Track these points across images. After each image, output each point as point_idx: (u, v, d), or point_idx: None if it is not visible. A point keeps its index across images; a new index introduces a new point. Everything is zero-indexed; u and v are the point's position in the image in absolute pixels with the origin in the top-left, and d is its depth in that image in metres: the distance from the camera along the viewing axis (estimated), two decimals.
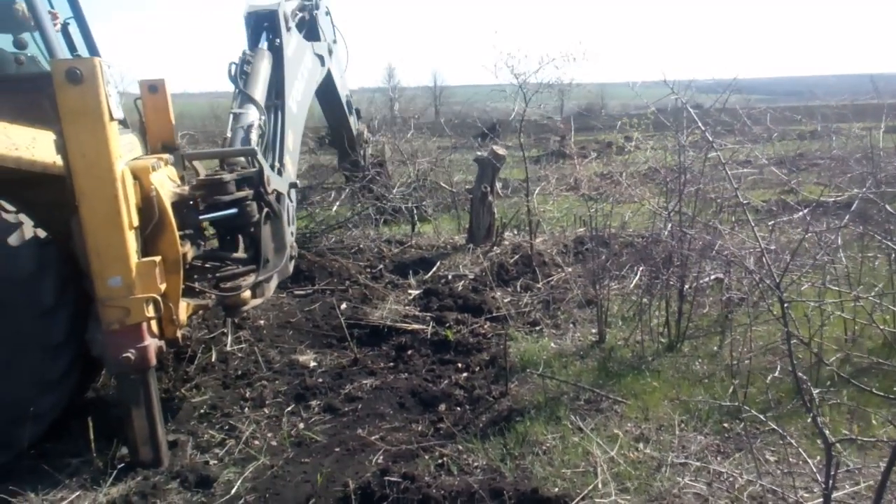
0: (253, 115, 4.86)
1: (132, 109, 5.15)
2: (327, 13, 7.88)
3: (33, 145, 3.63)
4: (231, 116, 4.86)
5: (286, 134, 5.22)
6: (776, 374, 3.31)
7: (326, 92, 7.83)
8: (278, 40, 5.68)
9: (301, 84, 6.02)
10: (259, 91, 5.08)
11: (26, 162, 3.57)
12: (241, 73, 5.09)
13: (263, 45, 5.68)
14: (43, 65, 4.22)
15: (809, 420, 2.77)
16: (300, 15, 6.66)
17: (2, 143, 3.50)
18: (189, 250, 3.94)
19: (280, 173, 4.79)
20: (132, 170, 3.57)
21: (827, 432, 2.54)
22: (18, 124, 3.68)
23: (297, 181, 5.33)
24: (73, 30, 4.87)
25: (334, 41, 7.94)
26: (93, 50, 4.93)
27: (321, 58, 7.09)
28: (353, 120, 8.98)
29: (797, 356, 2.93)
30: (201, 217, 4.12)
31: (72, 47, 4.78)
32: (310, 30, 7.13)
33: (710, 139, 3.16)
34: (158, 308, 3.57)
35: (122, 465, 3.58)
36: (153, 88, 5.15)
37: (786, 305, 2.58)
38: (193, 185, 4.14)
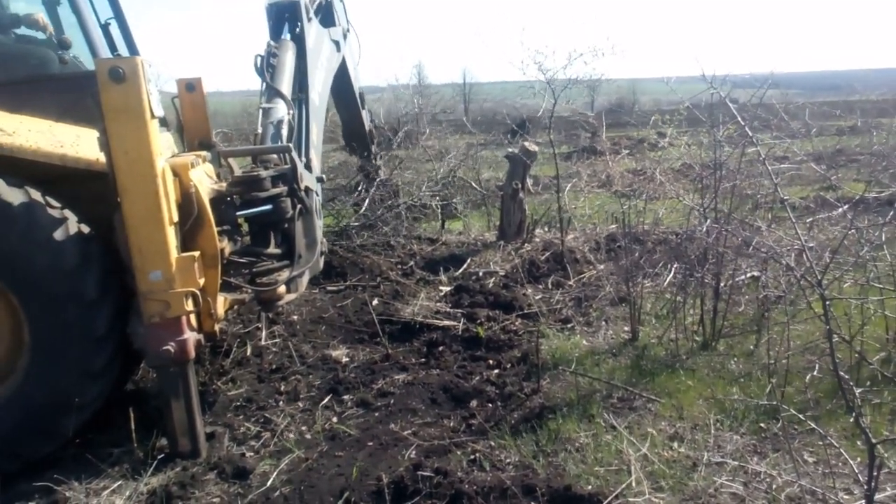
0: (282, 110, 4.87)
1: (169, 107, 5.25)
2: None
3: (77, 143, 3.73)
4: (260, 112, 4.87)
5: (311, 128, 5.21)
6: (815, 373, 3.24)
7: (340, 82, 7.67)
8: (298, 30, 5.64)
9: (321, 74, 6.00)
10: (286, 84, 5.07)
11: (71, 159, 3.67)
12: (268, 66, 5.07)
13: (286, 35, 5.64)
14: (85, 64, 4.32)
15: (851, 420, 2.72)
16: (317, 2, 6.61)
17: (48, 141, 3.61)
18: (226, 246, 4.01)
19: (308, 168, 4.82)
20: (172, 167, 3.64)
21: (869, 433, 2.49)
22: (63, 122, 3.79)
23: (323, 176, 5.34)
24: (114, 30, 4.99)
25: (348, 29, 7.81)
26: (133, 50, 5.03)
27: (337, 43, 7.02)
28: (365, 115, 8.81)
29: (837, 355, 2.87)
30: (238, 213, 4.18)
31: (112, 47, 4.89)
32: (325, 15, 7.04)
33: (750, 134, 3.11)
34: (197, 302, 3.64)
35: (162, 455, 3.67)
36: (190, 87, 5.24)
37: (827, 303, 2.53)
38: (231, 182, 4.21)
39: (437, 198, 9.55)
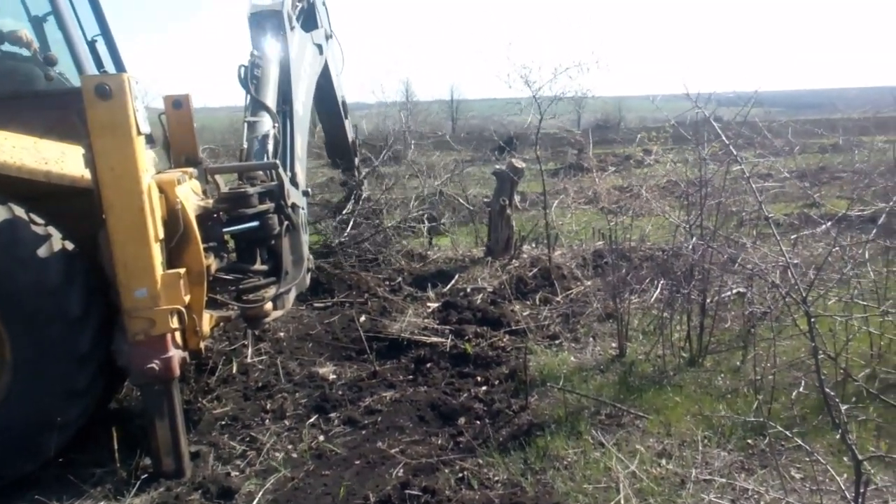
0: (267, 124, 4.84)
1: (156, 124, 5.23)
2: (323, 3, 7.61)
3: (62, 159, 3.71)
4: (245, 126, 4.83)
5: (295, 141, 5.19)
6: (801, 389, 3.26)
7: (323, 89, 7.54)
8: (282, 40, 5.59)
9: (305, 82, 5.95)
10: (270, 96, 5.05)
11: (55, 176, 3.64)
12: (252, 78, 5.04)
13: (269, 45, 5.58)
14: (71, 81, 4.31)
15: (838, 437, 2.72)
16: (300, 6, 6.52)
17: (32, 158, 3.58)
18: (213, 262, 3.99)
19: (294, 182, 4.80)
20: (158, 183, 3.63)
21: (855, 449, 2.50)
22: (48, 139, 3.77)
23: (309, 189, 5.31)
24: (101, 47, 4.98)
25: (331, 34, 7.67)
26: (119, 67, 5.02)
27: (319, 47, 6.93)
28: (348, 125, 8.63)
29: (823, 372, 2.89)
30: (224, 230, 4.17)
31: (99, 64, 4.88)
32: (308, 18, 6.93)
33: (734, 152, 3.14)
34: (182, 319, 3.61)
35: (146, 475, 3.61)
36: (177, 104, 5.22)
37: (812, 320, 2.55)
38: (217, 199, 4.20)
39: (425, 216, 9.54)
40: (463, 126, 29.09)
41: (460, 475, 3.68)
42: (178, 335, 3.65)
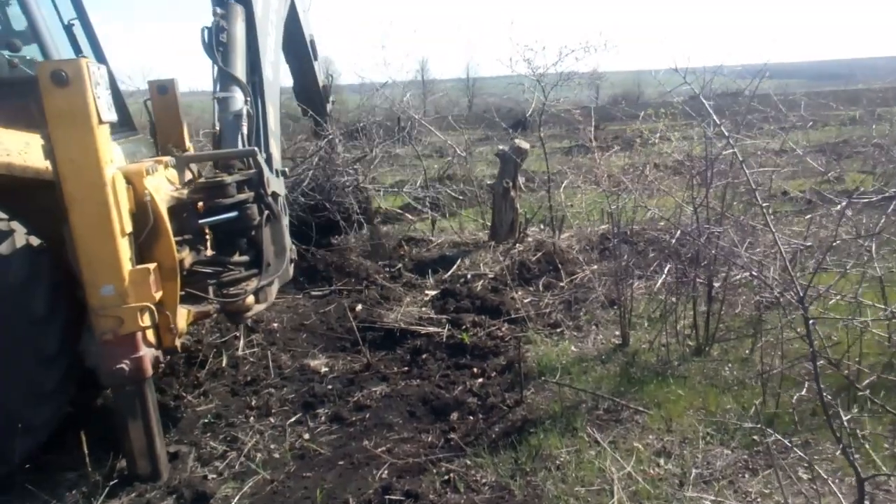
0: (239, 100, 4.50)
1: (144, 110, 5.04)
2: None
3: (26, 150, 3.53)
4: (215, 102, 4.48)
5: (267, 113, 4.83)
6: (804, 392, 3.00)
7: (290, 28, 6.85)
8: None
9: (273, 37, 5.42)
10: (239, 65, 4.65)
11: (18, 168, 3.46)
12: (218, 45, 4.59)
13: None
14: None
15: (838, 453, 2.47)
16: None
17: None
18: (187, 256, 3.80)
19: (269, 162, 4.53)
20: (125, 174, 3.44)
21: (859, 456, 2.27)
22: (12, 129, 3.59)
23: (286, 169, 5.02)
24: (79, 32, 4.80)
25: None
26: (97, 52, 4.84)
27: None
28: (317, 66, 8.04)
29: (827, 371, 2.64)
30: (201, 221, 3.97)
31: (77, 50, 4.69)
32: None
33: (726, 133, 2.87)
34: (154, 317, 3.44)
35: (117, 479, 3.47)
36: (163, 89, 5.04)
37: (812, 322, 2.30)
38: (193, 189, 4.00)
39: (427, 200, 9.28)
40: (480, 105, 28.65)
41: (446, 477, 3.49)
42: (149, 333, 3.48)
